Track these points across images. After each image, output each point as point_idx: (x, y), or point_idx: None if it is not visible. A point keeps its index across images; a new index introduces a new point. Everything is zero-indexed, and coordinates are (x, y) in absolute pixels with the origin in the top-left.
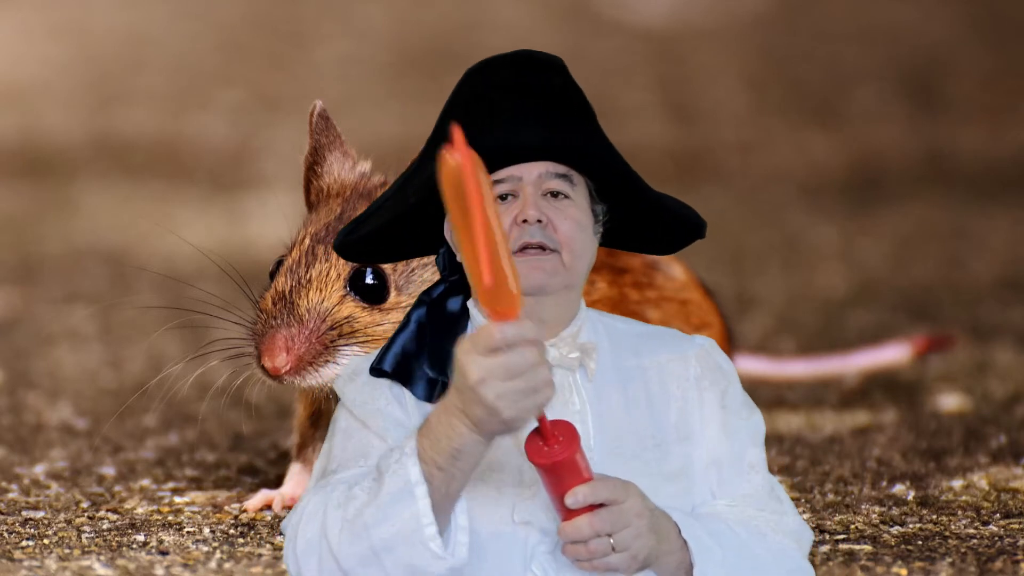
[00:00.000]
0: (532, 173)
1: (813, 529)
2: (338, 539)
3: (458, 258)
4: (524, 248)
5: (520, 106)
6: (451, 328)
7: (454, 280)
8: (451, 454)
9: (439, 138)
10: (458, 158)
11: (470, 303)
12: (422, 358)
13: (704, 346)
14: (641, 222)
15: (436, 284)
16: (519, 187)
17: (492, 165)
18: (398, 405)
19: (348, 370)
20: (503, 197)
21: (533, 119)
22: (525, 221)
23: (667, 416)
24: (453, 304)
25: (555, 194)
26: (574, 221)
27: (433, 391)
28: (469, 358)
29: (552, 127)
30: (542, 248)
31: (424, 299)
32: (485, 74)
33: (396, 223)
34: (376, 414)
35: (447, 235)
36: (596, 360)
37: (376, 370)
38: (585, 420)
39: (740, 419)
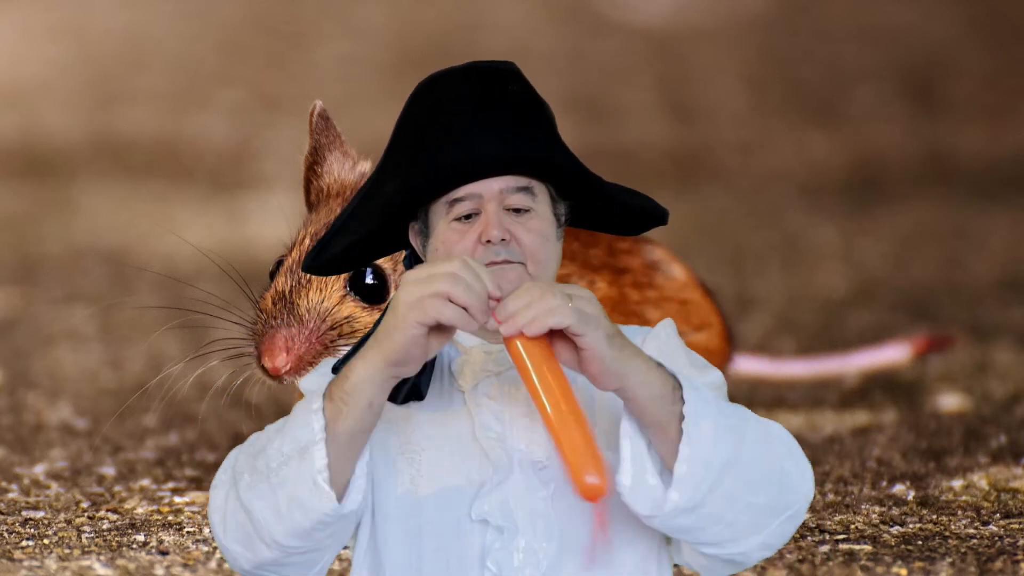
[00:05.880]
0: (493, 189)
1: (813, 529)
2: (240, 466)
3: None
4: (489, 265)
5: (475, 120)
6: None
7: None
8: (348, 388)
9: (393, 154)
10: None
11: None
12: None
13: (654, 328)
14: (604, 213)
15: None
16: (480, 204)
17: (451, 183)
18: None
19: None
20: (465, 217)
21: (490, 133)
22: (489, 241)
23: None
24: None
25: (517, 210)
26: (537, 233)
27: (398, 392)
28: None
29: (510, 139)
30: (507, 261)
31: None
32: (437, 89)
33: (359, 244)
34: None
35: (412, 240)
36: None
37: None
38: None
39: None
